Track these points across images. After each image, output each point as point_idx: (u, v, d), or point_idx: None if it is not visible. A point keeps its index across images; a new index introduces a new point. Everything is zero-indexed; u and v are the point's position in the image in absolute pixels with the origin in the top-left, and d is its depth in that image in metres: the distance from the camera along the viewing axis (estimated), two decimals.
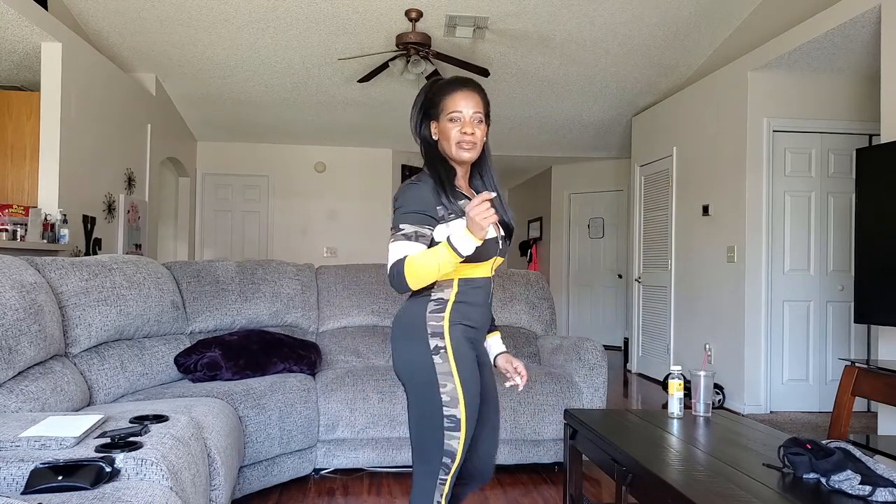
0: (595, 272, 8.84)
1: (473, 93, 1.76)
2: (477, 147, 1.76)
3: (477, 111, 1.75)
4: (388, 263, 1.65)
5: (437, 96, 1.77)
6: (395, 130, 7.41)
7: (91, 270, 2.72)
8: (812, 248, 4.90)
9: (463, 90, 1.75)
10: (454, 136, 1.73)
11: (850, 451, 1.61)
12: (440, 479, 1.68)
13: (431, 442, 1.67)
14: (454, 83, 1.77)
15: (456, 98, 1.74)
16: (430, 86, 1.82)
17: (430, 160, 1.77)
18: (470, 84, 1.77)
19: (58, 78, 4.26)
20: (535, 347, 3.83)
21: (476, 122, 1.75)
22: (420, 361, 1.68)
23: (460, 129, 1.72)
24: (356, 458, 3.13)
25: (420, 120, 1.82)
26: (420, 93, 1.83)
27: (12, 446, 1.58)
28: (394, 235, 1.66)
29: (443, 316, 1.70)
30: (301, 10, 4.94)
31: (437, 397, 1.65)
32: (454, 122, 1.73)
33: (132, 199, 5.50)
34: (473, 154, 1.75)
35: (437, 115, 1.76)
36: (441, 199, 1.69)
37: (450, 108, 1.73)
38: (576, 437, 2.34)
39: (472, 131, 1.73)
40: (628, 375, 6.46)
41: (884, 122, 3.65)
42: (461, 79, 1.79)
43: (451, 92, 1.75)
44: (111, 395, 2.65)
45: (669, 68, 5.87)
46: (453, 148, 1.74)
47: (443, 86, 1.78)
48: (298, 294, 3.65)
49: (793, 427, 4.34)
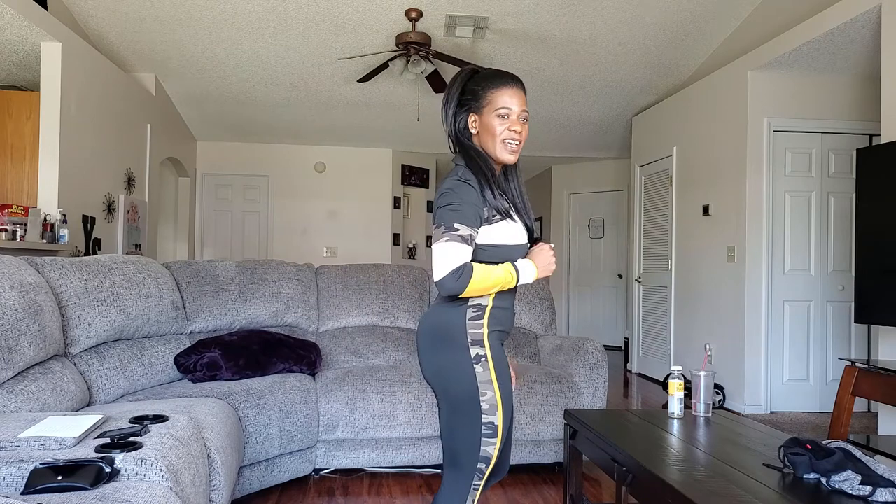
0: (595, 272, 8.84)
1: (521, 90, 1.67)
2: (520, 148, 1.69)
3: (524, 109, 1.67)
4: (445, 262, 1.55)
5: (483, 88, 1.66)
6: (395, 130, 7.41)
7: (91, 270, 2.71)
8: (812, 248, 4.90)
9: (513, 86, 1.66)
10: (502, 133, 1.64)
11: (850, 451, 1.60)
12: (474, 485, 1.66)
13: (468, 449, 1.64)
14: (504, 77, 1.67)
15: (505, 94, 1.65)
16: (471, 74, 1.71)
17: (472, 157, 1.66)
18: (518, 80, 1.68)
19: (57, 78, 4.25)
20: (535, 347, 3.83)
21: (523, 120, 1.67)
22: (461, 370, 1.64)
23: (509, 127, 1.64)
24: (356, 459, 3.13)
25: (456, 110, 1.70)
26: (457, 80, 1.71)
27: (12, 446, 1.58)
28: (449, 234, 1.55)
29: (482, 323, 1.66)
30: (301, 10, 4.94)
31: (477, 406, 1.63)
32: (502, 119, 1.64)
33: (132, 199, 5.50)
34: (516, 156, 1.68)
35: (479, 108, 1.66)
36: (487, 199, 1.62)
37: (498, 104, 1.64)
38: (576, 437, 2.34)
39: (520, 129, 1.66)
40: (628, 375, 6.46)
41: (884, 122, 3.65)
42: (510, 74, 1.69)
43: (501, 86, 1.65)
44: (111, 395, 2.65)
45: (669, 68, 5.87)
46: (497, 146, 1.65)
47: (490, 77, 1.67)
48: (298, 294, 3.65)
49: (793, 427, 4.34)
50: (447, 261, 1.55)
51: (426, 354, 1.70)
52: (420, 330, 1.74)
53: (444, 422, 1.69)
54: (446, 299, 1.68)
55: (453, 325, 1.66)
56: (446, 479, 1.68)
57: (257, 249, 7.82)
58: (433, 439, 3.16)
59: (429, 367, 1.70)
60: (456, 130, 1.71)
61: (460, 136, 1.71)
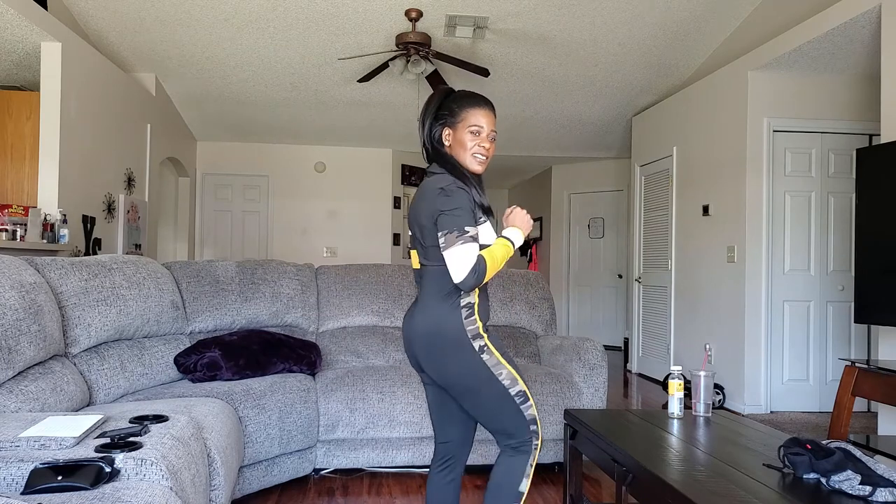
0: (595, 272, 8.84)
1: (492, 113, 1.92)
2: (487, 162, 1.91)
3: (493, 129, 1.91)
4: (464, 263, 1.73)
5: (459, 107, 1.89)
6: (395, 130, 7.41)
7: (91, 270, 2.72)
8: (812, 248, 4.90)
9: (486, 108, 1.90)
10: (472, 147, 1.87)
11: (850, 451, 1.61)
12: (534, 445, 1.90)
13: (514, 422, 1.86)
14: (478, 99, 1.91)
15: (479, 113, 1.88)
16: (449, 93, 1.94)
17: (454, 165, 1.88)
18: (490, 104, 1.94)
19: (57, 78, 4.25)
20: (535, 347, 3.83)
21: (491, 139, 1.91)
22: (474, 366, 1.82)
23: (479, 143, 1.87)
24: (356, 458, 3.13)
25: (432, 123, 1.91)
26: (434, 97, 1.94)
27: (12, 446, 1.58)
28: (461, 237, 1.74)
29: (475, 318, 1.85)
30: (301, 10, 4.94)
31: (500, 385, 1.83)
32: (474, 135, 1.87)
33: (132, 199, 5.50)
34: (483, 168, 1.91)
35: (454, 123, 1.89)
36: (474, 197, 1.83)
37: (471, 121, 1.87)
38: (576, 437, 2.34)
39: (488, 146, 1.89)
40: (628, 375, 6.46)
41: (884, 122, 3.65)
42: (483, 96, 1.94)
43: (475, 106, 1.89)
44: (111, 395, 2.65)
45: (669, 68, 5.87)
46: (468, 157, 1.87)
47: (466, 98, 1.91)
48: (298, 294, 3.65)
49: (793, 427, 4.34)
50: (466, 262, 1.73)
51: (439, 363, 1.86)
52: (413, 333, 1.89)
53: (480, 414, 1.88)
54: (435, 299, 1.85)
55: (454, 328, 1.83)
56: (503, 451, 1.90)
57: (257, 249, 7.82)
58: (433, 439, 3.16)
59: (449, 373, 1.85)
60: (432, 141, 1.92)
61: (437, 146, 1.93)
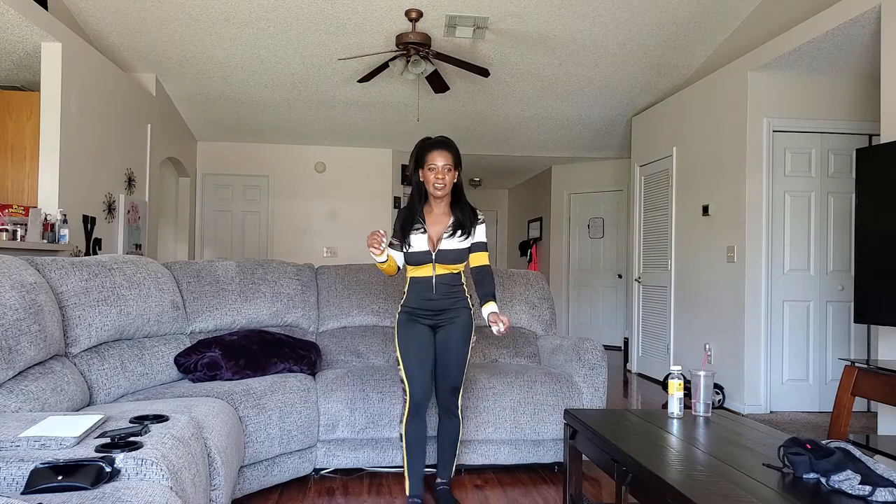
0: (595, 272, 8.84)
1: (446, 151, 2.66)
2: (446, 188, 2.67)
3: (447, 164, 2.65)
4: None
5: (423, 153, 2.68)
6: (395, 130, 7.41)
7: (91, 270, 2.72)
8: (812, 248, 4.90)
9: (438, 149, 2.65)
10: (431, 180, 2.66)
11: (850, 451, 1.61)
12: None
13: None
14: (434, 144, 2.68)
15: (434, 155, 2.65)
16: (421, 143, 2.71)
17: (412, 193, 2.77)
18: (443, 144, 2.67)
19: (58, 78, 4.26)
20: (535, 347, 3.83)
21: (446, 171, 2.65)
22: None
23: (435, 175, 2.64)
24: (356, 458, 3.13)
25: (414, 166, 2.72)
26: (414, 149, 2.72)
27: (12, 446, 1.58)
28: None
29: (402, 301, 2.80)
30: (301, 10, 4.95)
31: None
32: (431, 171, 2.65)
33: (132, 199, 5.50)
34: (443, 193, 2.68)
35: (422, 164, 2.68)
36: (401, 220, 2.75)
37: (429, 162, 2.65)
38: (576, 437, 2.34)
39: (442, 177, 2.65)
40: (628, 375, 6.46)
41: (884, 122, 3.65)
42: (439, 141, 2.70)
43: (431, 150, 2.66)
44: (111, 395, 2.65)
45: (669, 68, 5.87)
46: (430, 187, 2.68)
47: (427, 145, 2.69)
48: (298, 294, 3.65)
49: (793, 427, 4.34)
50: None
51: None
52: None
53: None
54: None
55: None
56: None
57: (257, 249, 7.82)
58: (432, 439, 3.16)
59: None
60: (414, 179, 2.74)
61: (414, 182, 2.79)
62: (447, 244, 2.68)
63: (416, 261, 2.69)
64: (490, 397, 3.18)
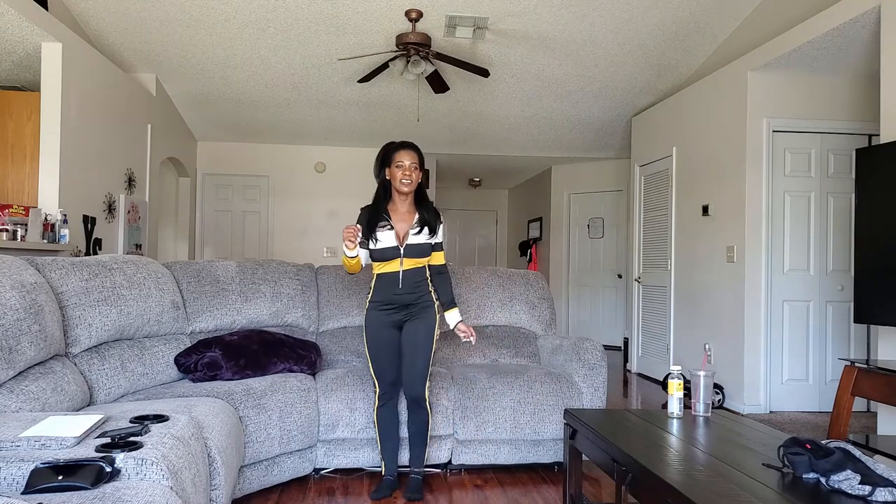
0: (595, 272, 8.84)
1: (412, 151, 2.86)
2: (413, 184, 2.85)
3: (413, 162, 2.84)
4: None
5: (390, 153, 2.86)
6: (395, 130, 7.41)
7: (91, 270, 2.72)
8: (812, 248, 4.90)
9: (405, 149, 2.85)
10: (399, 176, 2.83)
11: (849, 450, 1.61)
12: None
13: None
14: (401, 144, 2.87)
15: (401, 154, 2.84)
16: (387, 145, 2.89)
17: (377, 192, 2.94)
18: (409, 145, 2.87)
19: (58, 78, 4.26)
20: (535, 347, 3.84)
21: (413, 169, 2.84)
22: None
23: (402, 172, 2.82)
24: (356, 458, 3.14)
25: (380, 166, 2.90)
26: (380, 151, 2.91)
27: (12, 446, 1.58)
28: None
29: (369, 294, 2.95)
30: (301, 10, 4.95)
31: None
32: (399, 168, 2.82)
33: (132, 199, 5.51)
34: (409, 189, 2.85)
35: (389, 163, 2.85)
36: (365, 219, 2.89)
37: (397, 160, 2.83)
38: (576, 437, 2.34)
39: (409, 173, 2.83)
40: (628, 375, 6.46)
41: (884, 122, 3.65)
42: (406, 143, 2.89)
43: (399, 150, 2.84)
44: (111, 395, 2.65)
45: (669, 68, 5.88)
46: (398, 183, 2.83)
47: (394, 146, 2.87)
48: (298, 294, 3.65)
49: (792, 427, 4.34)
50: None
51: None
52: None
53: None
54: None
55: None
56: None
57: (257, 249, 7.82)
58: (433, 439, 3.16)
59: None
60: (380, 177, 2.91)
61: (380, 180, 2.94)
62: (414, 239, 2.85)
63: (383, 256, 2.82)
64: (490, 397, 3.18)
